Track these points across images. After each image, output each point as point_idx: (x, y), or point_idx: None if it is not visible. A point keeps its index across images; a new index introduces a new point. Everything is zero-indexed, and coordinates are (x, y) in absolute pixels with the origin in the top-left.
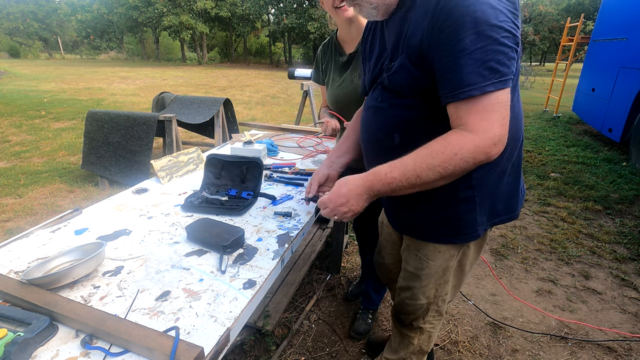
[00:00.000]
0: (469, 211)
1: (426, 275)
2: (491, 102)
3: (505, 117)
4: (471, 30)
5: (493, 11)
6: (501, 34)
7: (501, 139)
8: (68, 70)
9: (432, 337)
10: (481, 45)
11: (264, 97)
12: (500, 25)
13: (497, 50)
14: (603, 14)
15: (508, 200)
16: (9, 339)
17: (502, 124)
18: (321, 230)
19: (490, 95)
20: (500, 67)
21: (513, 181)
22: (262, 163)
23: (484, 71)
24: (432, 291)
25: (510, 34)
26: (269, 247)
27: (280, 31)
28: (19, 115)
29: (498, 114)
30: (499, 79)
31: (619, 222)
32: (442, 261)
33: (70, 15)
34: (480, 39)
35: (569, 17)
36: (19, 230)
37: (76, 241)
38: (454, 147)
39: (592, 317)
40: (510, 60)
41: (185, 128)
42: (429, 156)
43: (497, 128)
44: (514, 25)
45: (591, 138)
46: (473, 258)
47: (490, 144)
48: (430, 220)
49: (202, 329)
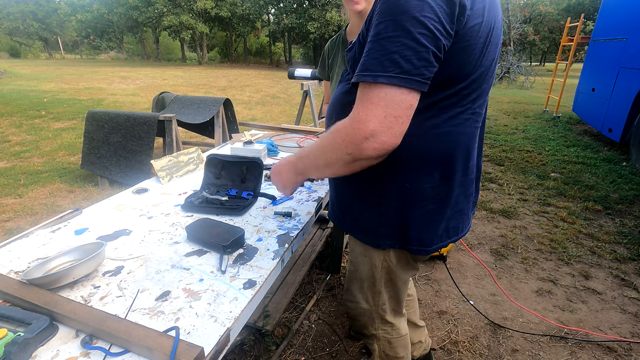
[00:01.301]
0: (374, 216)
1: (359, 278)
2: (379, 95)
3: (392, 117)
4: (390, 16)
5: (419, 3)
6: (417, 29)
7: (374, 136)
8: (68, 70)
9: (394, 344)
10: (393, 35)
11: (264, 97)
12: (420, 20)
13: (406, 45)
14: (603, 14)
15: (421, 232)
16: (9, 339)
17: (383, 122)
18: (321, 230)
19: (381, 87)
20: (404, 63)
21: (434, 212)
22: (262, 163)
23: (385, 61)
24: (369, 297)
25: (429, 34)
26: (269, 247)
27: (280, 31)
28: (19, 115)
29: (382, 110)
30: (398, 74)
31: (619, 222)
32: (367, 267)
33: (70, 15)
34: (394, 28)
35: (569, 17)
36: (19, 230)
37: (76, 241)
38: (335, 132)
39: (592, 317)
40: (420, 60)
41: (185, 128)
42: (321, 139)
43: (373, 123)
44: (441, 27)
45: (591, 138)
46: (402, 275)
47: (361, 136)
48: (349, 211)
49: (202, 329)
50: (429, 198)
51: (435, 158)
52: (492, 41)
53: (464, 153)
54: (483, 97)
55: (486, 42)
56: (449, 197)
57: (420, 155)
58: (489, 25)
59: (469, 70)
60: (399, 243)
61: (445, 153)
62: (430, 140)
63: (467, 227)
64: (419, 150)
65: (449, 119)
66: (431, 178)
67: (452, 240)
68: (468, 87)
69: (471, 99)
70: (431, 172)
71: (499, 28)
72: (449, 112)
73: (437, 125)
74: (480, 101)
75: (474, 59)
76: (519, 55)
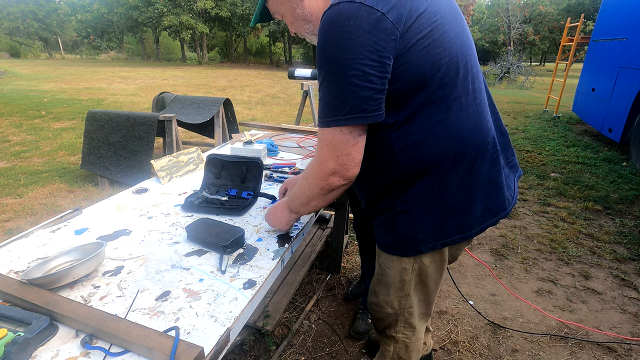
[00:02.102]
0: (406, 226)
1: (385, 283)
2: (328, 137)
3: (343, 155)
4: (323, 67)
5: (344, 49)
6: (348, 73)
7: (336, 172)
8: (68, 70)
9: (410, 348)
10: (329, 84)
11: (264, 97)
12: (347, 64)
13: (343, 90)
14: (603, 14)
15: (460, 220)
16: (9, 339)
17: (337, 161)
18: (321, 230)
19: (328, 130)
20: (345, 105)
21: (465, 198)
22: (262, 163)
23: (330, 107)
24: (395, 302)
25: (362, 73)
26: (269, 247)
27: (280, 31)
28: (19, 115)
29: (333, 150)
30: (344, 116)
31: (619, 222)
32: (396, 271)
33: (70, 15)
34: (329, 78)
35: (569, 17)
36: (19, 230)
37: (76, 241)
38: (307, 174)
39: (592, 317)
40: (359, 99)
41: (185, 128)
42: (302, 176)
43: (330, 162)
44: (370, 63)
45: (591, 138)
46: (435, 276)
47: (325, 174)
48: (379, 229)
49: (202, 329)
50: (457, 188)
51: (450, 150)
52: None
53: (477, 132)
54: (470, 74)
55: (441, 37)
56: (477, 179)
57: (437, 154)
58: (439, 24)
59: (437, 67)
60: (440, 242)
61: (459, 142)
62: (440, 136)
63: (513, 198)
64: (434, 150)
65: (446, 109)
66: (453, 171)
67: (499, 217)
68: (447, 77)
69: (459, 81)
70: (452, 166)
71: (456, 15)
72: (444, 103)
73: (439, 121)
74: (468, 78)
75: (438, 57)
76: (519, 55)
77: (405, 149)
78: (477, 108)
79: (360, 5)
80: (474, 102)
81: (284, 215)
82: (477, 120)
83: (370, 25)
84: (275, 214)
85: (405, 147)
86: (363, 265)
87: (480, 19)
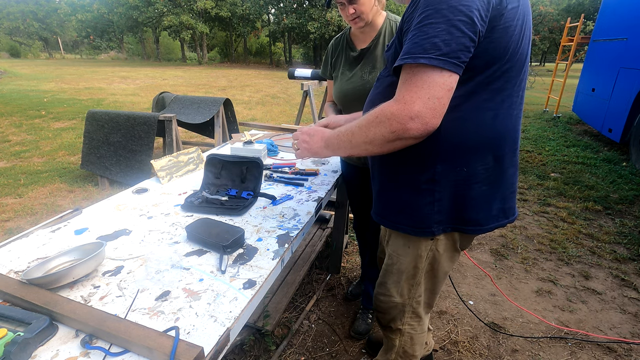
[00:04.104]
0: (427, 204)
1: (397, 271)
2: (422, 77)
3: (435, 98)
4: (433, 6)
5: None
6: (458, 17)
7: (419, 116)
8: (68, 70)
9: (415, 340)
10: (435, 21)
11: (264, 97)
12: (459, 8)
13: (447, 31)
14: (603, 14)
15: (476, 213)
16: (9, 339)
17: (426, 103)
18: (321, 230)
19: (423, 69)
20: (444, 47)
21: (487, 192)
22: (262, 163)
23: (426, 44)
24: (405, 290)
25: (468, 20)
26: (269, 247)
27: (280, 31)
28: (19, 115)
29: (425, 91)
30: (438, 56)
31: (619, 223)
32: (410, 258)
33: (70, 15)
34: (436, 16)
35: (569, 17)
36: (19, 230)
37: (76, 241)
38: (378, 110)
39: (592, 317)
40: (459, 45)
41: (185, 128)
42: (363, 118)
43: (418, 104)
44: (478, 15)
45: (591, 138)
46: (446, 265)
47: (406, 116)
48: (393, 205)
49: (202, 328)
50: (482, 180)
51: (489, 140)
52: (527, 25)
53: (513, 135)
54: (525, 80)
55: (523, 25)
56: (502, 178)
57: (477, 139)
58: (523, 11)
59: (512, 50)
60: (451, 226)
61: (498, 135)
62: (485, 123)
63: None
64: (476, 134)
65: (501, 101)
66: (484, 160)
67: (509, 220)
68: (513, 68)
69: (517, 81)
70: (485, 155)
71: (530, 16)
72: (500, 95)
73: (491, 108)
74: (523, 84)
75: (515, 40)
76: None
77: (450, 122)
78: (519, 113)
79: None
80: (519, 105)
81: (319, 145)
82: (517, 123)
83: None
84: (311, 139)
85: (450, 121)
86: (363, 265)
87: None
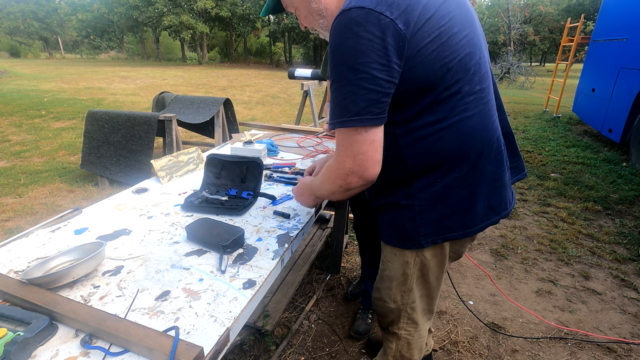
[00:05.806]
0: (409, 219)
1: (387, 277)
2: (344, 138)
3: (359, 154)
4: (336, 69)
5: (354, 53)
6: (357, 76)
7: (353, 172)
8: (68, 69)
9: (412, 345)
10: (340, 84)
11: (264, 97)
12: (357, 68)
13: (352, 91)
14: (603, 15)
15: (461, 217)
16: (9, 339)
17: (354, 160)
18: (321, 230)
19: (343, 131)
20: (353, 107)
21: (468, 195)
22: (262, 163)
23: (338, 109)
24: (397, 296)
25: (370, 77)
26: (269, 247)
27: (280, 31)
28: (19, 115)
29: (350, 149)
30: (351, 117)
31: (618, 223)
32: (398, 265)
33: (70, 15)
34: (339, 79)
35: (569, 17)
36: (19, 230)
37: (76, 241)
38: (325, 169)
39: (592, 317)
40: (367, 101)
41: (185, 128)
42: (320, 174)
43: (348, 162)
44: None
45: (591, 138)
46: (436, 270)
47: (343, 174)
48: (383, 222)
49: (202, 328)
50: (459, 185)
51: (455, 150)
52: (452, 30)
53: (484, 133)
54: (478, 74)
55: (445, 35)
56: (481, 178)
57: (441, 154)
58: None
59: (445, 66)
60: (440, 237)
61: (464, 142)
62: (445, 137)
63: (513, 199)
64: (438, 150)
65: (459, 112)
66: (456, 169)
67: (501, 216)
68: (455, 77)
69: (467, 82)
70: (455, 164)
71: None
72: (455, 108)
73: (445, 119)
74: (476, 78)
75: (441, 57)
76: (519, 55)
77: (410, 145)
78: (483, 107)
79: (370, 11)
80: (481, 101)
81: (310, 198)
82: (483, 119)
83: (380, 30)
84: (303, 196)
85: (410, 144)
86: (363, 265)
87: (481, 19)
